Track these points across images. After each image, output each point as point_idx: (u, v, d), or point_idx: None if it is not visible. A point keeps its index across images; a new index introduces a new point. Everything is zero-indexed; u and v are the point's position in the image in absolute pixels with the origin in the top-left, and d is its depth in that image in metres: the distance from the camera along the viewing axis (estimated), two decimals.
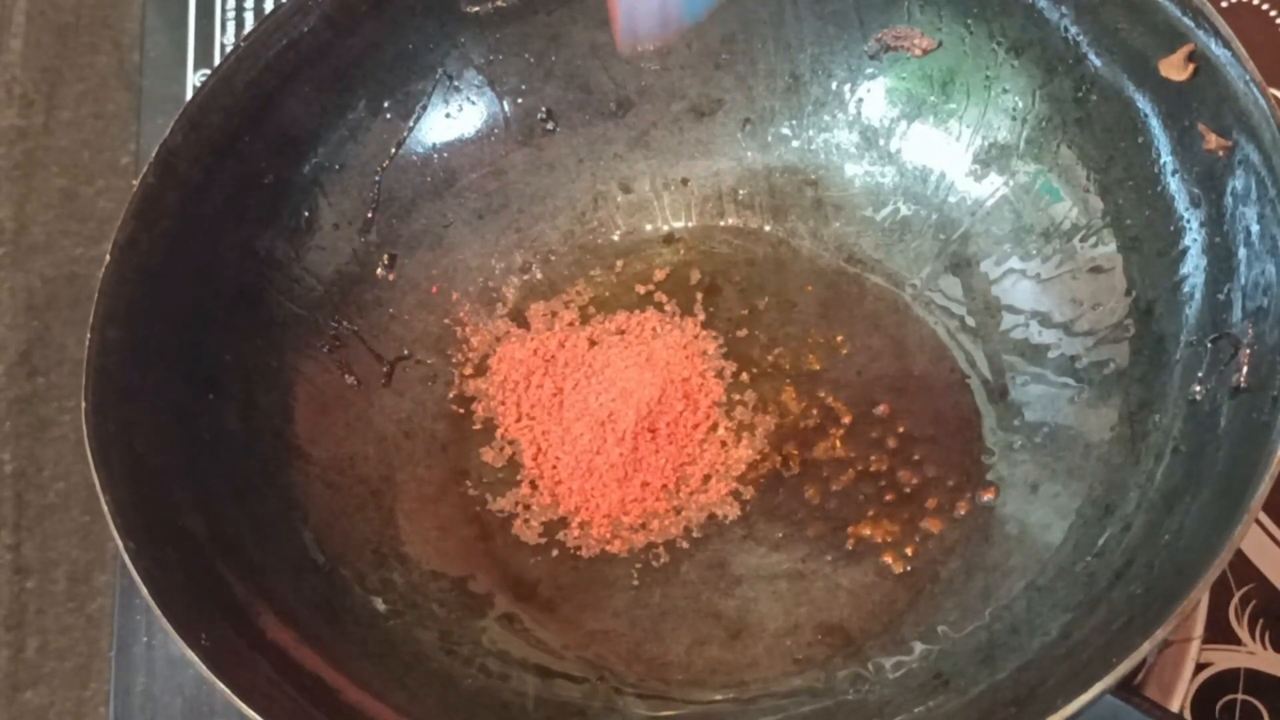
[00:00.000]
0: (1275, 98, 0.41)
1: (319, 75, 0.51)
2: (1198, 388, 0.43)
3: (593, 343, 0.53)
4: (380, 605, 0.47)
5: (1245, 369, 0.41)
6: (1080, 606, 0.42)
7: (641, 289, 0.54)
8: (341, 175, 0.52)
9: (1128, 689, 0.41)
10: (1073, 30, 0.47)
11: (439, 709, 0.44)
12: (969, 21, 0.50)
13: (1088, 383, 0.47)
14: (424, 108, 0.54)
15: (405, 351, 0.53)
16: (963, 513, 0.48)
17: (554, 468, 0.51)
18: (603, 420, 0.50)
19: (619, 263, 0.55)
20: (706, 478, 0.50)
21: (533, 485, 0.51)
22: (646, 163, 0.55)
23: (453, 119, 0.54)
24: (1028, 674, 0.41)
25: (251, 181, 0.50)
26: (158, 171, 0.47)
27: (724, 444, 0.51)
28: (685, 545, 0.49)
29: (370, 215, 0.53)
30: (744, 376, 0.52)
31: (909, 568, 0.48)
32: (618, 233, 0.55)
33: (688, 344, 0.52)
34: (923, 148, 0.52)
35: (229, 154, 0.49)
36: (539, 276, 0.55)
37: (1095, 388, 0.47)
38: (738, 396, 0.51)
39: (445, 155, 0.54)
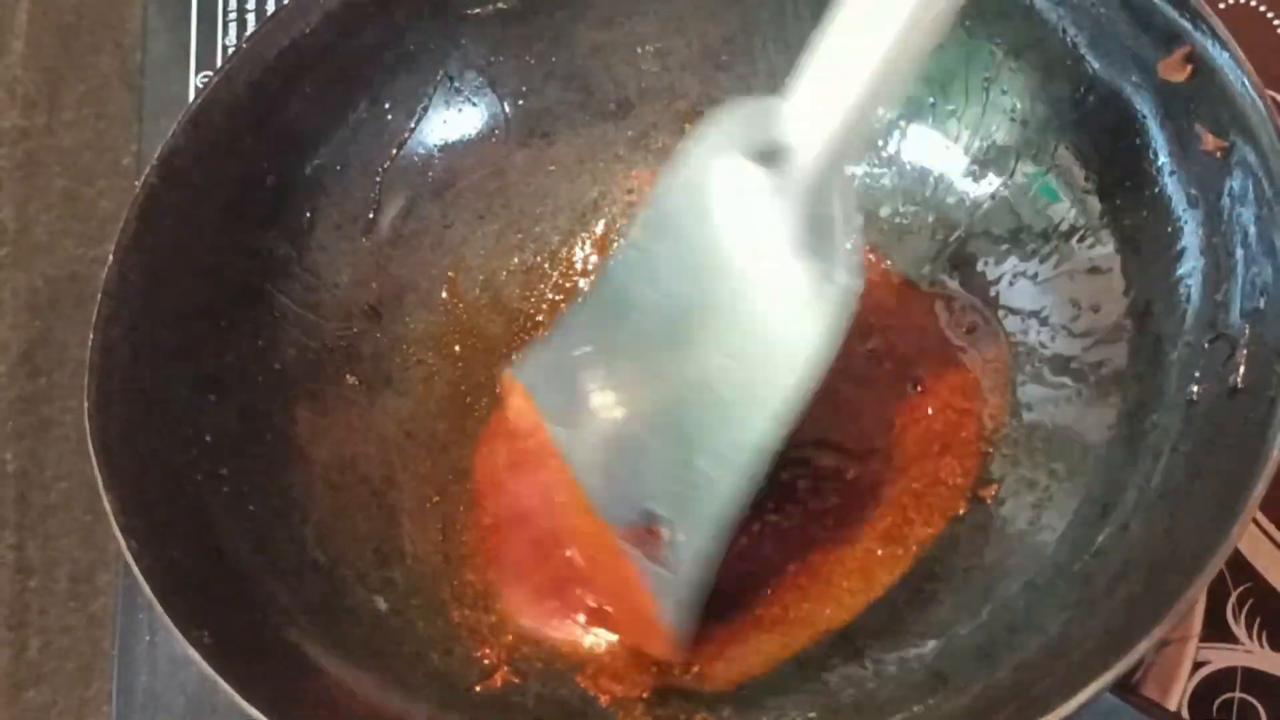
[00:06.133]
0: (1272, 99, 0.41)
1: (321, 76, 0.51)
2: (1195, 388, 0.43)
3: None
4: (381, 604, 0.47)
5: (1242, 370, 0.41)
6: (1079, 605, 0.42)
7: None
8: (343, 176, 0.52)
9: (1126, 687, 0.41)
10: (1071, 31, 0.47)
11: (439, 709, 0.44)
12: (968, 23, 0.50)
13: (1086, 383, 0.47)
14: (425, 109, 0.54)
15: (405, 351, 0.53)
16: (962, 512, 0.48)
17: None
18: None
19: None
20: None
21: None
22: (647, 163, 0.55)
23: (454, 120, 0.54)
24: (1026, 673, 0.41)
25: (253, 182, 0.50)
26: (160, 172, 0.47)
27: None
28: None
29: (371, 216, 0.53)
30: None
31: (909, 567, 0.48)
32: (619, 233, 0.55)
33: None
34: (921, 149, 0.52)
35: (231, 155, 0.49)
36: (539, 277, 0.55)
37: (1093, 388, 0.47)
38: None
39: (446, 156, 0.54)
